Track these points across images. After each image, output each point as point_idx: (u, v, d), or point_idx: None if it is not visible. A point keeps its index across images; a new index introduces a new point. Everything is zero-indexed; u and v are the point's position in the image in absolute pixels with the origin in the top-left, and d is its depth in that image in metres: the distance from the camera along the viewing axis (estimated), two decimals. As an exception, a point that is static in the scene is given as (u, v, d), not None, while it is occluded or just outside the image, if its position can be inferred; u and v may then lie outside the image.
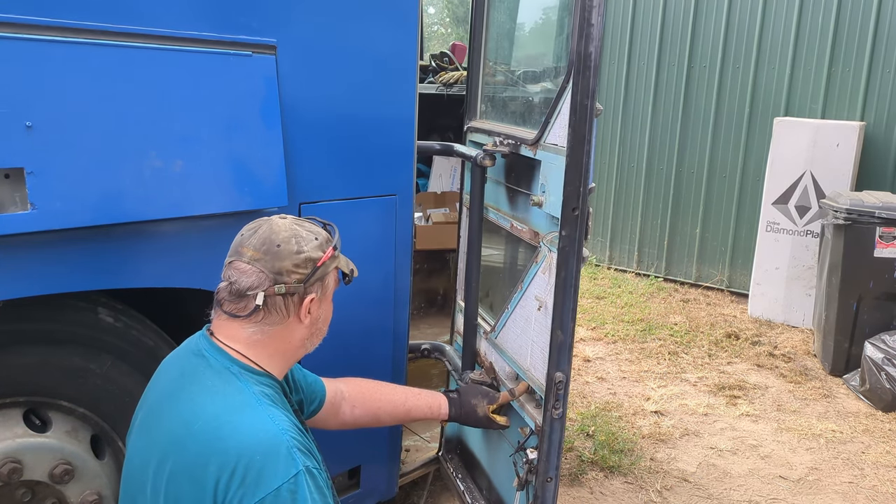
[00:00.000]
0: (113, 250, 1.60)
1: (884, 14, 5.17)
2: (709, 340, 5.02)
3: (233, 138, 1.70)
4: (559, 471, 1.86)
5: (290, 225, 1.41)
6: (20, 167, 1.39)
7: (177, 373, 1.39)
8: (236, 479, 1.19)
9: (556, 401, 1.76)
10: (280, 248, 1.35)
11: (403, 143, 2.16)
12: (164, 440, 1.29)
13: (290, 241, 1.37)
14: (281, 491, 1.19)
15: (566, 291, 1.72)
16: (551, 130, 1.88)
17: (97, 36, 1.47)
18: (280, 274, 1.35)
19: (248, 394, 1.32)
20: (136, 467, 1.34)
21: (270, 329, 1.39)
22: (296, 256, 1.36)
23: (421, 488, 2.98)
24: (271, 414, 1.29)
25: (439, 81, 3.48)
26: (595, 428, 3.68)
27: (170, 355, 1.48)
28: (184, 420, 1.28)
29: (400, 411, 1.95)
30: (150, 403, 1.41)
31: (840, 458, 3.53)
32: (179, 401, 1.32)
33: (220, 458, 1.21)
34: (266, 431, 1.24)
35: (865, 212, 4.27)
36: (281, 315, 1.38)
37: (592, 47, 1.58)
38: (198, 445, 1.24)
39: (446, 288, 3.91)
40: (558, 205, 1.73)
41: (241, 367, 1.36)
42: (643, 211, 6.60)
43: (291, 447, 1.24)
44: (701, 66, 6.06)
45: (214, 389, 1.31)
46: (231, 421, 1.25)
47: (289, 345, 1.43)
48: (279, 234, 1.37)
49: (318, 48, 1.89)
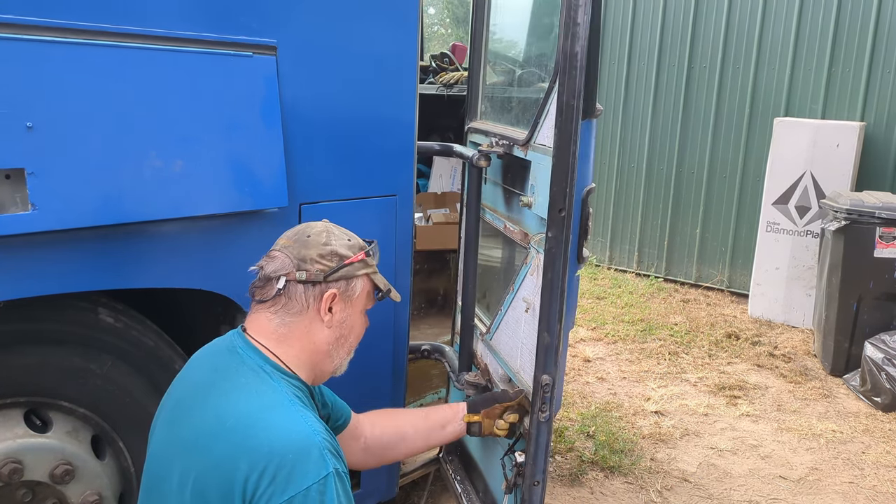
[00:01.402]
0: (113, 251, 1.60)
1: (884, 14, 5.17)
2: (709, 341, 5.02)
3: (233, 139, 1.70)
4: (546, 474, 1.85)
5: (327, 224, 1.48)
6: (21, 168, 1.39)
7: (209, 368, 1.40)
8: (267, 477, 1.20)
9: (542, 403, 1.75)
10: (310, 238, 1.42)
11: (404, 144, 2.16)
12: (193, 434, 1.30)
13: (321, 234, 1.43)
14: (310, 491, 1.19)
15: (553, 293, 1.71)
16: (540, 131, 1.87)
17: (98, 37, 1.47)
18: (304, 261, 1.40)
19: (281, 393, 1.33)
20: (162, 458, 1.35)
21: (292, 320, 1.41)
22: (322, 248, 1.41)
23: (421, 489, 2.98)
24: (304, 415, 1.30)
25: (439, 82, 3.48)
26: (595, 428, 3.68)
27: (202, 350, 1.49)
28: (217, 415, 1.29)
29: (420, 421, 1.95)
30: (179, 396, 1.41)
31: (840, 458, 3.53)
32: (212, 396, 1.33)
33: (251, 455, 1.22)
34: (299, 432, 1.25)
35: (865, 212, 4.27)
36: (300, 305, 1.40)
37: (578, 47, 1.57)
38: (230, 441, 1.24)
39: (446, 288, 3.91)
40: (546, 206, 1.73)
41: (273, 367, 1.38)
42: (643, 211, 6.60)
43: (323, 448, 1.25)
44: (701, 66, 6.07)
45: (249, 387, 1.32)
46: (265, 419, 1.26)
47: (313, 345, 1.44)
48: (314, 227, 1.46)
49: (319, 49, 1.89)
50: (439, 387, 3.22)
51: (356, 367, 2.22)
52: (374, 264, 1.52)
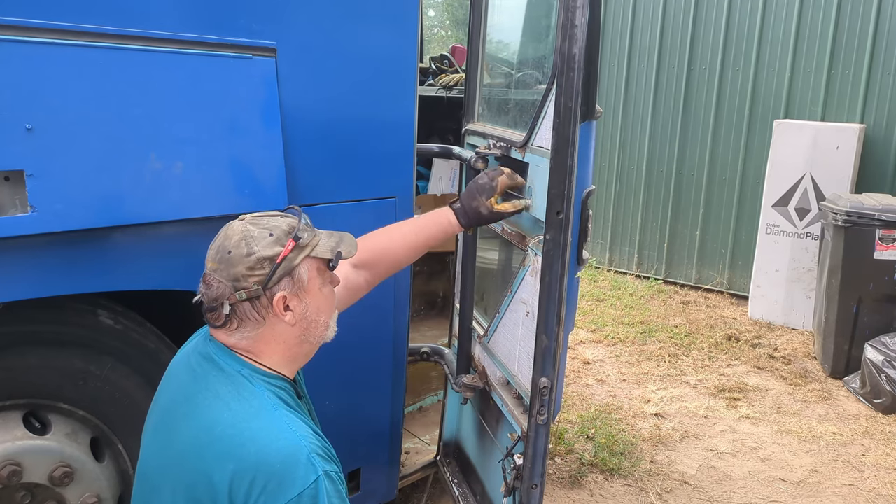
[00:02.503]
0: (113, 253, 1.60)
1: (883, 16, 5.17)
2: (709, 343, 5.02)
3: (233, 141, 1.70)
4: (544, 478, 1.84)
5: (243, 226, 1.35)
6: (20, 170, 1.39)
7: (188, 377, 1.38)
8: (257, 487, 1.19)
9: (540, 406, 1.75)
10: (231, 254, 1.31)
11: (403, 146, 2.16)
12: (180, 448, 1.29)
13: (239, 245, 1.32)
14: (302, 497, 1.19)
15: (551, 296, 1.70)
16: (538, 133, 1.87)
17: (98, 38, 1.47)
18: (237, 280, 1.30)
19: (262, 398, 1.31)
20: (153, 469, 1.35)
21: (253, 334, 1.35)
22: (247, 259, 1.31)
23: (420, 491, 2.98)
24: (288, 420, 1.29)
25: (439, 84, 3.49)
26: (595, 430, 3.68)
27: (177, 357, 1.47)
28: (202, 427, 1.28)
29: (412, 241, 1.85)
30: (164, 406, 1.40)
31: (840, 460, 3.52)
32: (195, 406, 1.31)
33: (238, 465, 1.21)
34: (285, 439, 1.24)
35: (865, 214, 4.27)
36: (256, 320, 1.34)
37: (576, 48, 1.56)
38: (216, 452, 1.24)
39: (446, 290, 3.91)
40: (543, 208, 1.73)
41: (251, 370, 1.35)
42: (643, 213, 6.60)
43: (311, 453, 1.24)
44: (701, 68, 6.07)
45: (229, 396, 1.30)
46: (249, 427, 1.25)
47: (284, 344, 1.40)
48: (230, 238, 1.33)
49: (318, 51, 1.89)
50: (438, 389, 3.22)
51: (356, 368, 2.23)
52: (309, 241, 1.39)
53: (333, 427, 1.72)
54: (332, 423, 1.87)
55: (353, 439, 2.27)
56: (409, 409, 3.11)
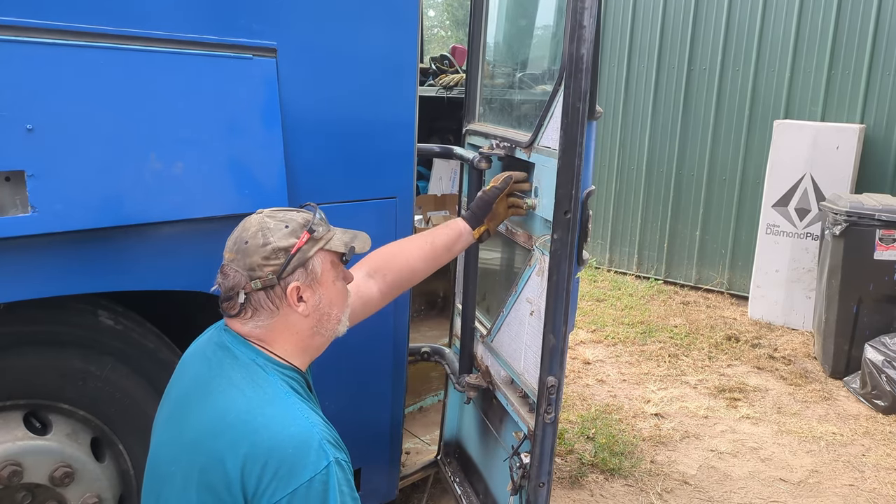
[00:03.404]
0: (113, 253, 1.60)
1: (883, 16, 5.17)
2: (709, 343, 5.02)
3: (233, 141, 1.70)
4: (552, 476, 1.85)
5: (261, 219, 1.40)
6: (21, 170, 1.39)
7: (203, 366, 1.40)
8: (269, 471, 1.22)
9: (548, 405, 1.76)
10: (248, 244, 1.36)
11: (403, 146, 2.16)
12: (194, 434, 1.31)
13: (256, 236, 1.37)
14: (313, 482, 1.22)
15: (558, 295, 1.71)
16: (544, 133, 1.87)
17: (98, 39, 1.47)
18: (252, 269, 1.35)
19: (276, 386, 1.34)
20: (164, 459, 1.36)
21: (267, 323, 1.39)
22: (263, 249, 1.36)
23: (421, 491, 2.98)
24: (301, 408, 1.32)
25: (439, 84, 3.49)
26: (595, 430, 3.68)
27: (191, 348, 1.49)
28: (216, 413, 1.30)
29: (422, 244, 1.88)
30: (176, 397, 1.42)
31: (840, 460, 3.52)
32: (209, 394, 1.34)
33: (251, 450, 1.23)
34: (298, 425, 1.27)
35: (865, 214, 4.27)
36: (270, 309, 1.38)
37: (584, 49, 1.57)
38: (230, 437, 1.26)
39: (446, 290, 3.90)
40: (551, 208, 1.73)
41: (266, 360, 1.38)
42: (643, 213, 6.60)
43: (322, 440, 1.27)
44: (701, 68, 6.07)
45: (244, 383, 1.33)
46: (263, 413, 1.28)
47: (297, 335, 1.43)
48: (248, 230, 1.39)
49: (319, 51, 1.89)
50: (439, 389, 3.22)
51: (356, 368, 2.23)
52: (323, 234, 1.43)
53: (334, 427, 1.71)
54: (333, 423, 1.87)
55: (354, 439, 2.25)
56: (410, 409, 3.11)
